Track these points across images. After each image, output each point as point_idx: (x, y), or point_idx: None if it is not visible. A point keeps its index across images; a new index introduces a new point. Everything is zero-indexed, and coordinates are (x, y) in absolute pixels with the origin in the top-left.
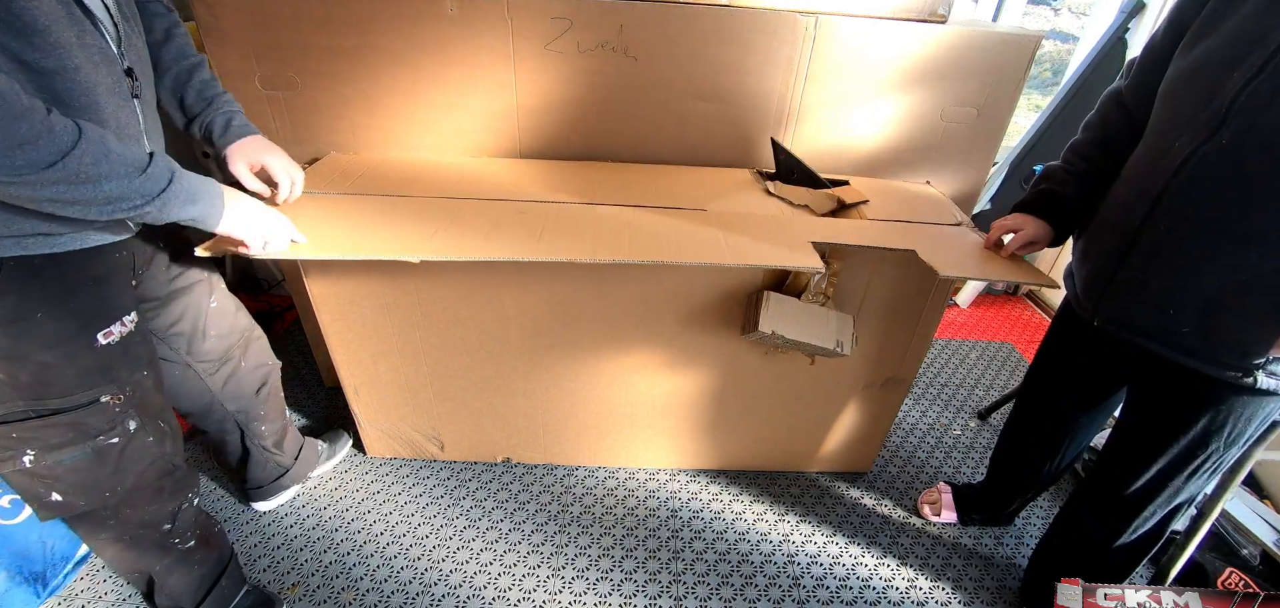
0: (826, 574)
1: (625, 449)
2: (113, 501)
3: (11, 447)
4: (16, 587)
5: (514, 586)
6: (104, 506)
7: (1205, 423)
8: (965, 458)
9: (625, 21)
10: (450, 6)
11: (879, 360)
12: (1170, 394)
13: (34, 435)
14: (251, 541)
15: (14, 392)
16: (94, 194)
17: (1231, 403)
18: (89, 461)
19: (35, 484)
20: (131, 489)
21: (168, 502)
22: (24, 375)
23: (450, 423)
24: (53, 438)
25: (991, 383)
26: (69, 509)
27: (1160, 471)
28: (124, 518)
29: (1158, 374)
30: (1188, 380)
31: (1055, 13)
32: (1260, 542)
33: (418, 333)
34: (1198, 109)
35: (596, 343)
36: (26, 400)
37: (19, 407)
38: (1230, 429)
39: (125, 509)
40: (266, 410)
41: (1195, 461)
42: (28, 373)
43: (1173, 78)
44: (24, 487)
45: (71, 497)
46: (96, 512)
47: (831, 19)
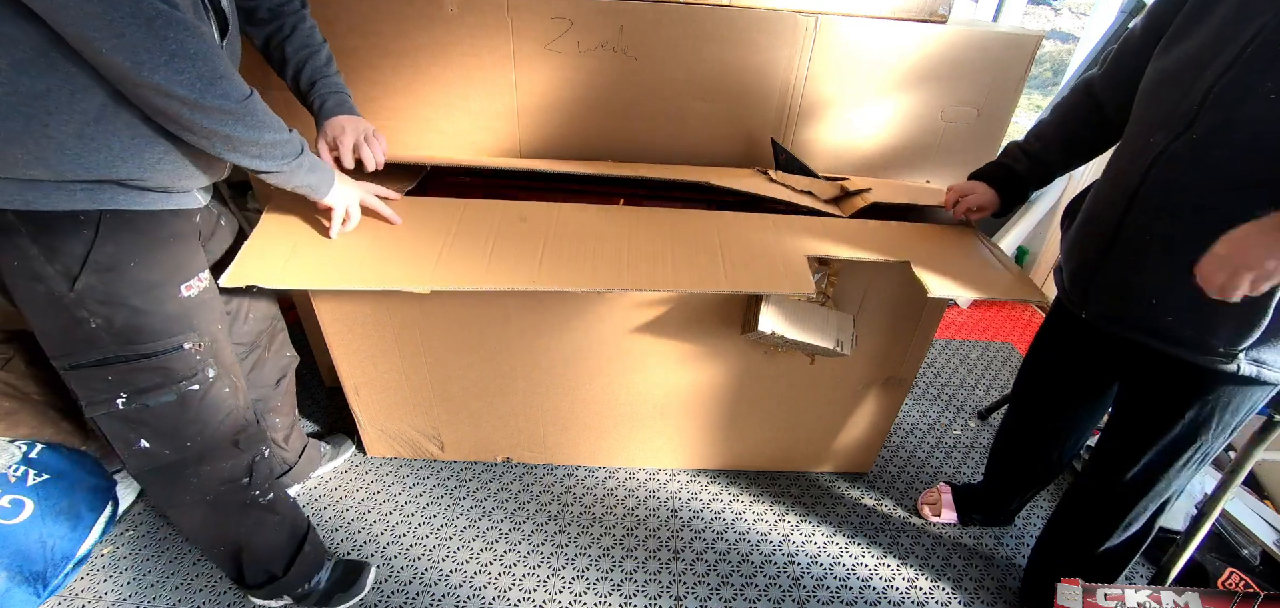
0: (826, 574)
1: (625, 449)
2: (193, 451)
3: (106, 390)
4: (16, 587)
5: (514, 586)
6: (185, 458)
7: (1193, 413)
8: (965, 458)
9: (625, 21)
10: (451, 7)
11: (879, 360)
12: (1158, 385)
13: (125, 379)
14: None
15: (109, 336)
16: (258, 139)
17: (1218, 392)
18: (174, 405)
19: (126, 429)
20: (211, 440)
21: (243, 454)
22: (118, 320)
23: (450, 423)
24: (142, 381)
25: (991, 383)
26: (155, 458)
27: (1149, 463)
28: (204, 474)
29: (1146, 366)
30: (1175, 370)
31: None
32: (1260, 542)
33: (417, 333)
34: (1172, 107)
35: (597, 343)
36: (120, 345)
37: (113, 350)
38: (1218, 419)
39: (205, 463)
40: (282, 403)
41: (1184, 452)
42: (122, 317)
43: (1151, 77)
44: (115, 432)
45: (158, 444)
46: (179, 463)
47: (832, 19)
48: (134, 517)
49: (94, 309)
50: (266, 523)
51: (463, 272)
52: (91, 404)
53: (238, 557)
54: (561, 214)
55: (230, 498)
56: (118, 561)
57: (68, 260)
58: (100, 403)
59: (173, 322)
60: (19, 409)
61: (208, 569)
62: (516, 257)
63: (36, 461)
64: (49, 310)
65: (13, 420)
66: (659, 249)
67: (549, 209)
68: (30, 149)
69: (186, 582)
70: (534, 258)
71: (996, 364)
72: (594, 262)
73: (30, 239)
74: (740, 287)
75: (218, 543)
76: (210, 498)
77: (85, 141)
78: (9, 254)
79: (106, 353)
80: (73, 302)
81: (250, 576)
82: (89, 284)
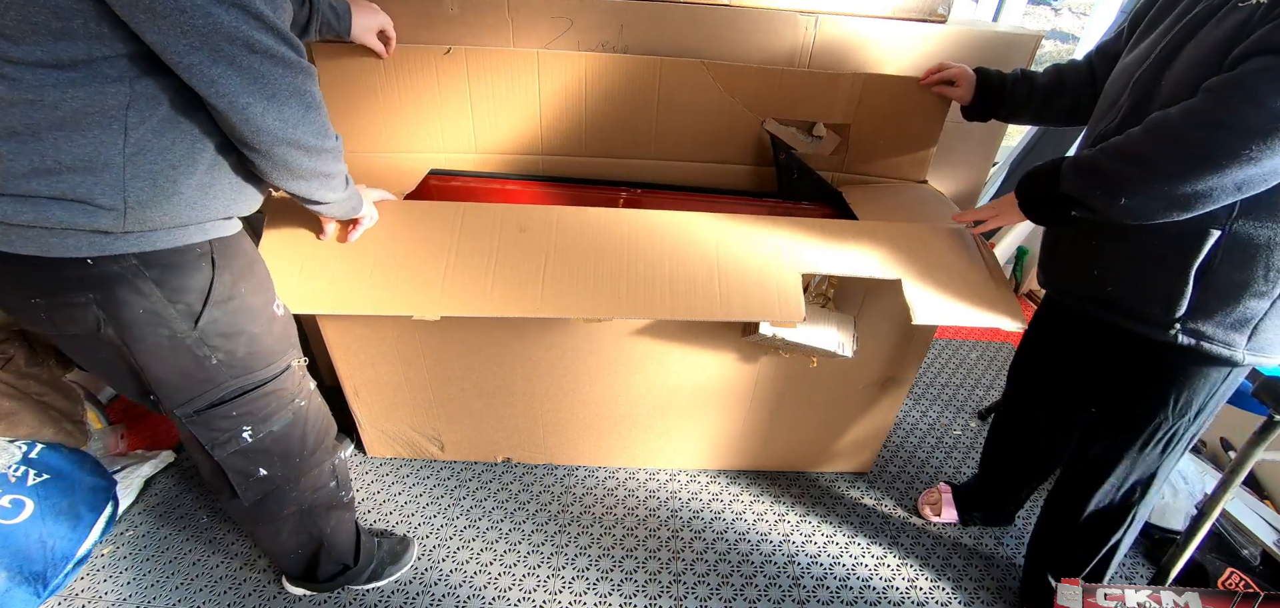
0: (826, 574)
1: (625, 449)
2: (298, 467)
3: (231, 426)
4: (16, 587)
5: (514, 586)
6: (290, 475)
7: (1149, 388)
8: (965, 458)
9: (625, 21)
10: (451, 6)
11: (879, 361)
12: (1117, 362)
13: (248, 410)
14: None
15: (228, 370)
16: (339, 172)
17: (1172, 369)
18: (290, 426)
19: (247, 462)
20: (311, 450)
21: (330, 456)
22: (239, 350)
23: (450, 423)
24: (262, 409)
25: (992, 383)
26: (269, 484)
27: (1115, 441)
28: (303, 485)
29: (1107, 342)
30: (1129, 344)
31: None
32: (1260, 542)
33: (417, 334)
34: (1112, 100)
35: (596, 344)
36: (240, 376)
37: (233, 385)
38: (1177, 399)
39: (304, 475)
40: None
41: (1144, 430)
42: (242, 347)
43: (1113, 72)
44: (238, 467)
45: (273, 468)
46: (287, 481)
47: (832, 18)
48: (134, 517)
49: (216, 344)
50: (346, 520)
51: (468, 296)
52: (218, 446)
53: (316, 556)
54: (561, 220)
55: (321, 502)
56: (118, 561)
57: (190, 297)
58: (227, 442)
59: (279, 342)
60: (19, 409)
61: (208, 569)
62: (519, 277)
63: (36, 461)
64: (172, 355)
65: (13, 421)
66: (657, 267)
67: (548, 215)
68: (163, 207)
69: (187, 582)
70: (535, 277)
71: (996, 364)
72: (594, 282)
73: (154, 282)
74: (733, 314)
75: (301, 548)
76: (305, 507)
77: (204, 191)
78: (133, 304)
79: (226, 390)
80: (196, 340)
81: (324, 571)
82: (211, 318)
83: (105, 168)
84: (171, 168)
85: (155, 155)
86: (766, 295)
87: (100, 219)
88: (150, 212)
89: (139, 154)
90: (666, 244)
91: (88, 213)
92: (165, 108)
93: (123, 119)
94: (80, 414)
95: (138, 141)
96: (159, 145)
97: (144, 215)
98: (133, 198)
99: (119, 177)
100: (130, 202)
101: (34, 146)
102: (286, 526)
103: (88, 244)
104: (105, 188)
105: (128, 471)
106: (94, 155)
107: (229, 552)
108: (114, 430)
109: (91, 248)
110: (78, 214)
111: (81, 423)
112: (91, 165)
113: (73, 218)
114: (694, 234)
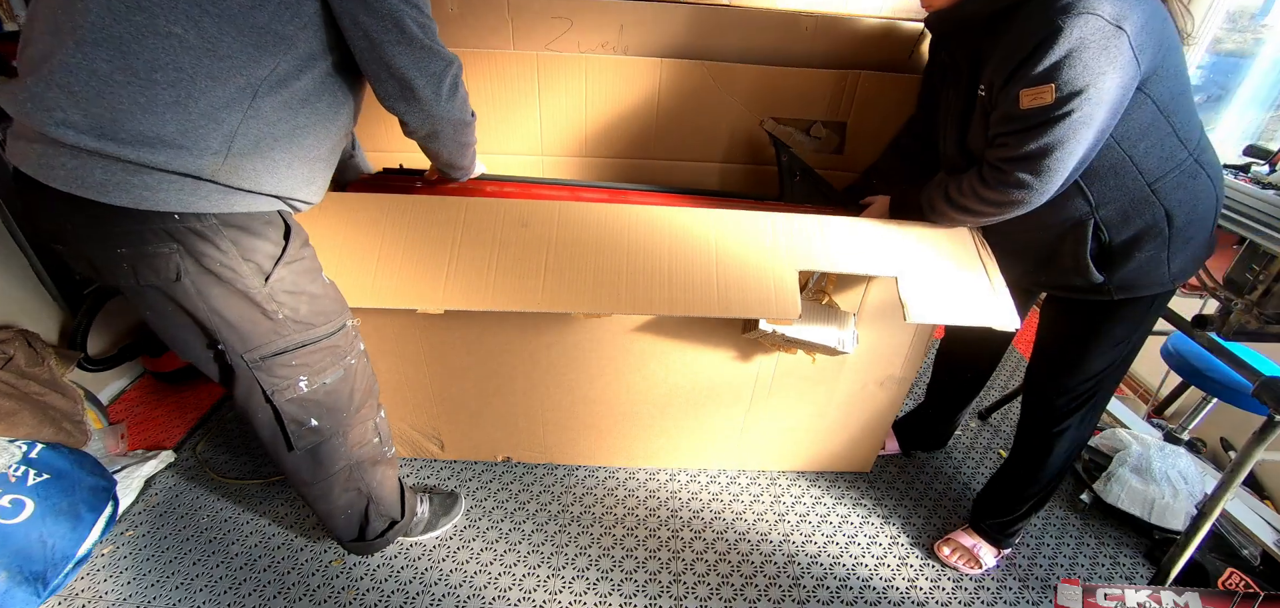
0: (826, 574)
1: (625, 448)
2: (345, 421)
3: (290, 374)
4: (17, 587)
5: (514, 586)
6: (338, 428)
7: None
8: (965, 458)
9: (625, 21)
10: (451, 6)
11: (879, 359)
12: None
13: (306, 362)
14: (252, 540)
15: (293, 324)
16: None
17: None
18: (341, 380)
19: (301, 411)
20: (357, 406)
21: (373, 414)
22: (303, 307)
23: (450, 422)
24: (318, 362)
25: (992, 382)
26: (319, 434)
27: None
28: (351, 439)
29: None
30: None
31: None
32: (1260, 542)
33: (417, 332)
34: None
35: (597, 342)
36: (303, 331)
37: (295, 338)
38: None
39: (351, 429)
40: None
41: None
42: (305, 304)
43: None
44: (293, 415)
45: (324, 420)
46: (334, 436)
47: (831, 18)
48: (134, 517)
49: (283, 300)
50: (390, 476)
51: (471, 290)
52: (278, 391)
53: (366, 513)
54: (562, 215)
55: (367, 457)
56: (118, 561)
57: (260, 258)
58: (285, 388)
59: (335, 304)
60: (19, 409)
61: (208, 569)
62: (520, 271)
63: (36, 460)
64: (243, 305)
65: (13, 421)
66: (656, 261)
67: (549, 210)
68: (255, 165)
69: (187, 582)
70: (537, 272)
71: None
72: (595, 278)
73: (232, 241)
74: (731, 311)
75: (351, 506)
76: (353, 462)
77: (289, 167)
78: (212, 257)
79: (290, 342)
80: (265, 296)
81: (373, 528)
82: (279, 277)
83: (226, 119)
84: (273, 139)
85: (267, 124)
86: (763, 291)
87: (204, 161)
88: (244, 164)
89: (257, 117)
90: (666, 240)
91: (192, 157)
92: (296, 88)
93: (255, 88)
94: (80, 414)
95: (258, 109)
96: (273, 116)
97: (239, 166)
98: (236, 148)
99: (232, 131)
100: (233, 150)
101: (183, 88)
102: (337, 481)
103: (177, 198)
104: (216, 135)
105: (128, 470)
106: (221, 108)
107: (229, 552)
108: (114, 430)
109: (179, 203)
110: (182, 158)
111: (81, 423)
112: (214, 116)
113: (174, 161)
114: (693, 230)
